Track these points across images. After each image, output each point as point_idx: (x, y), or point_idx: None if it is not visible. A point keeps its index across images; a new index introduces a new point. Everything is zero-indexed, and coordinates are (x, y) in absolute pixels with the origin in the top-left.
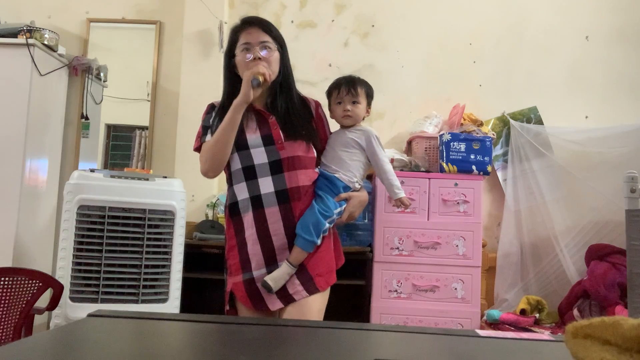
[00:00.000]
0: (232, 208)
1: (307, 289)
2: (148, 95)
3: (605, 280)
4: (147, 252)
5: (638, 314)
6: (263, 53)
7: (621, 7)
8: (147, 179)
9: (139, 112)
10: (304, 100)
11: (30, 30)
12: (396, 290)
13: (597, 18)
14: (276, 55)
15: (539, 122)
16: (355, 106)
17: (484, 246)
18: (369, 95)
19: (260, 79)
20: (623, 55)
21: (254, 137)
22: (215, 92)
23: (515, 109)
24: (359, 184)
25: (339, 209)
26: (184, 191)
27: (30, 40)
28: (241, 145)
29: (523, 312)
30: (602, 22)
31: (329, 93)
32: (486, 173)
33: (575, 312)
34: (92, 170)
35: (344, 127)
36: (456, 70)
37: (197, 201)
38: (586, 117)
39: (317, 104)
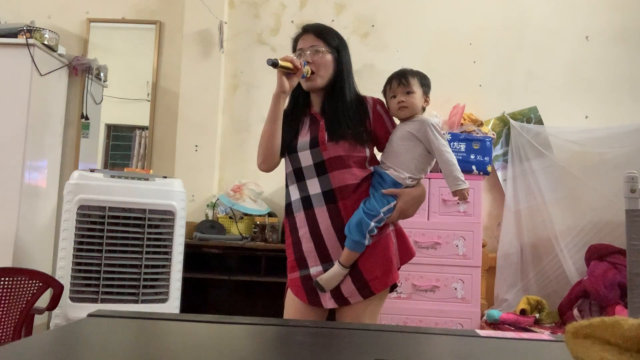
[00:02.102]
0: (288, 208)
1: (362, 293)
2: (148, 95)
3: (605, 280)
4: (147, 252)
5: (638, 314)
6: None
7: (621, 7)
8: (147, 179)
9: (139, 112)
10: (360, 101)
11: (30, 30)
12: (396, 290)
13: (597, 18)
14: (328, 58)
15: (539, 122)
16: (409, 96)
17: (484, 246)
18: (425, 85)
19: (280, 61)
20: (623, 55)
21: (303, 140)
22: (215, 92)
23: (515, 109)
24: (412, 179)
25: (387, 207)
26: (184, 191)
27: (30, 40)
28: (292, 148)
29: (523, 312)
30: (602, 22)
31: (383, 91)
32: (486, 173)
33: (575, 312)
34: (92, 170)
35: (403, 120)
36: (456, 70)
37: (197, 201)
38: (586, 117)
39: (375, 102)
